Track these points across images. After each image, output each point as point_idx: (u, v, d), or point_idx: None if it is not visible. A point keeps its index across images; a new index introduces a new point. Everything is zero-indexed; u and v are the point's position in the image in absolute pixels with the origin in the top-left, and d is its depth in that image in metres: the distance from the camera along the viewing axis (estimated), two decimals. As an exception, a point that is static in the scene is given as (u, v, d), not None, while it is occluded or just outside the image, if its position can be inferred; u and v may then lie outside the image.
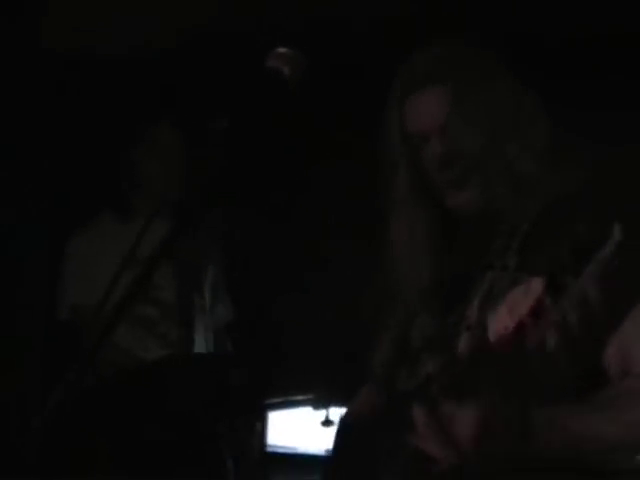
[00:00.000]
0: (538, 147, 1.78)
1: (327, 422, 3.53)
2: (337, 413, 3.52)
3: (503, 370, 1.54)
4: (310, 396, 3.66)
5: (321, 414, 3.57)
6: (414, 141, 1.85)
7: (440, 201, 1.85)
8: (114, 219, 3.58)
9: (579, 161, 1.78)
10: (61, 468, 2.95)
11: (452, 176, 1.81)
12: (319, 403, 3.58)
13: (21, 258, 3.83)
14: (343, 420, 2.11)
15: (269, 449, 3.92)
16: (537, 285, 1.44)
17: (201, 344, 3.58)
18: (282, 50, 1.62)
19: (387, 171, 1.90)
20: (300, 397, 3.72)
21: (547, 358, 1.55)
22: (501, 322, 1.48)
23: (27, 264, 3.90)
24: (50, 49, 3.74)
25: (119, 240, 3.27)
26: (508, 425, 1.54)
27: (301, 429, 3.85)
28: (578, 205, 1.67)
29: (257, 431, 3.79)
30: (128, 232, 3.43)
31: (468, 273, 1.80)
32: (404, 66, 1.87)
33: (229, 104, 1.59)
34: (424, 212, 1.87)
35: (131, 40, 3.85)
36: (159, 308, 3.48)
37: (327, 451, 3.34)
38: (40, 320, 3.85)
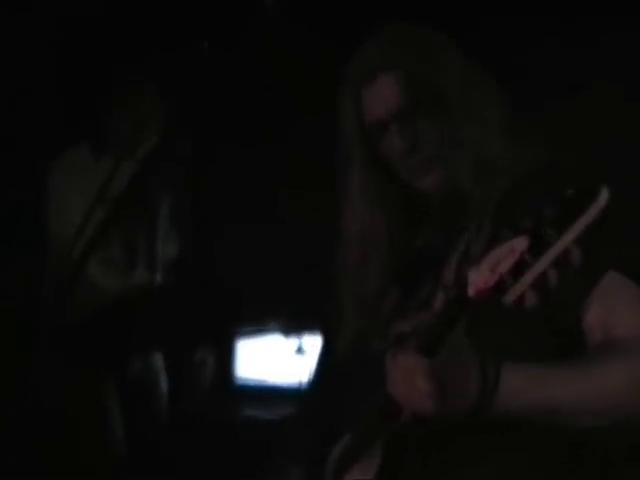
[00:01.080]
0: (496, 128, 1.78)
1: (300, 350, 3.53)
2: (310, 341, 3.53)
3: (477, 326, 1.53)
4: (281, 324, 3.65)
5: (292, 344, 3.56)
6: (373, 130, 1.84)
7: (405, 184, 1.84)
8: (90, 152, 3.55)
9: (534, 139, 1.79)
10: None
11: (415, 163, 1.81)
12: (290, 331, 3.58)
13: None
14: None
15: (238, 382, 3.93)
16: (521, 243, 1.42)
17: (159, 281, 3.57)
18: None
19: (342, 162, 1.89)
20: (271, 325, 3.71)
21: (524, 317, 1.54)
22: (482, 277, 1.47)
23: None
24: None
25: (90, 178, 3.24)
26: (482, 369, 1.54)
27: (271, 361, 3.86)
28: (557, 174, 1.68)
29: (226, 363, 3.79)
30: (99, 170, 3.43)
31: (441, 244, 1.80)
32: (355, 55, 1.85)
33: (209, 26, 1.55)
34: (384, 200, 1.87)
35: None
36: (124, 248, 3.46)
37: (299, 383, 3.35)
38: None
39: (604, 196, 1.40)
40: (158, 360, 3.39)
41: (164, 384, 3.36)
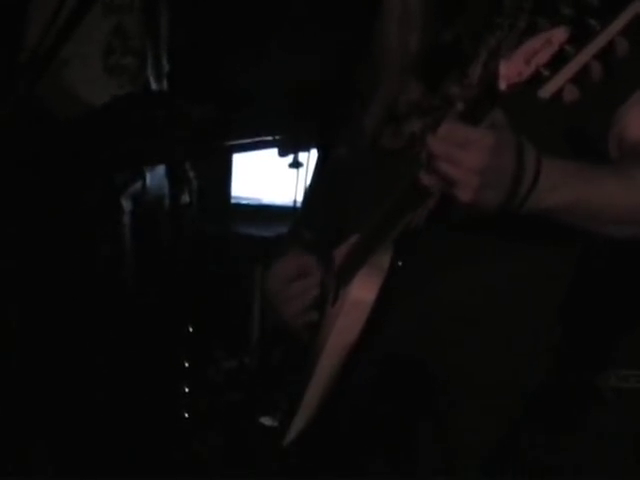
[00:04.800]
0: None
1: (296, 164, 3.39)
2: (305, 156, 3.40)
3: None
4: (276, 137, 3.50)
5: (287, 160, 3.42)
6: None
7: None
8: None
9: None
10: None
11: None
12: (286, 145, 3.43)
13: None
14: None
15: (233, 200, 3.84)
16: (560, 34, 1.28)
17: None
18: None
19: None
20: (266, 138, 3.56)
21: (560, 112, 1.41)
22: (515, 69, 1.34)
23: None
24: None
25: None
26: (521, 152, 1.42)
27: (266, 179, 3.77)
28: None
29: (221, 180, 3.70)
30: None
31: (470, 41, 1.67)
32: None
33: None
34: None
35: None
36: (138, 58, 3.30)
37: (293, 202, 3.26)
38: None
39: None
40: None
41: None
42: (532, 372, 1.68)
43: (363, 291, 1.68)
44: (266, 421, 1.98)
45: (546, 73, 1.30)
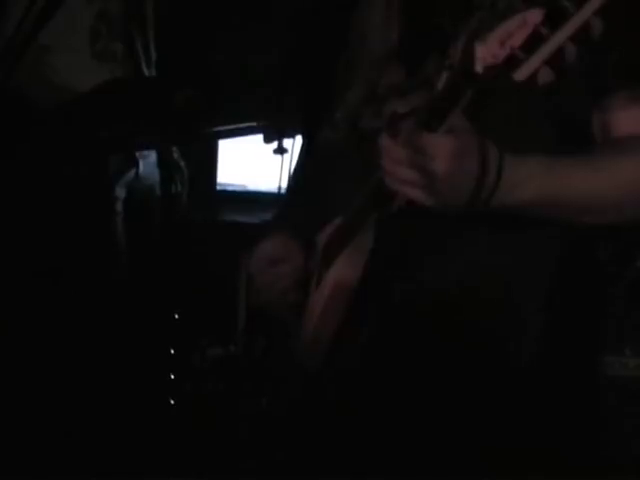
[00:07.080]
0: None
1: (280, 150, 3.38)
2: (290, 143, 3.39)
3: (481, 107, 1.41)
4: (261, 123, 3.49)
5: (272, 147, 3.41)
6: None
7: None
8: None
9: None
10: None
11: None
12: (271, 131, 3.42)
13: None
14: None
15: (219, 187, 3.84)
16: (535, 16, 1.29)
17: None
18: None
19: None
20: (251, 124, 3.55)
21: (532, 98, 1.42)
22: (490, 51, 1.34)
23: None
24: None
25: None
26: (484, 155, 1.42)
27: (251, 166, 3.77)
28: None
29: (207, 167, 3.70)
30: None
31: (451, 23, 1.67)
32: None
33: None
34: None
35: None
36: (125, 43, 3.29)
37: (278, 188, 3.26)
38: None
39: None
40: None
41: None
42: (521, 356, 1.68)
43: (347, 272, 1.69)
44: (251, 405, 1.98)
45: (521, 55, 1.31)
